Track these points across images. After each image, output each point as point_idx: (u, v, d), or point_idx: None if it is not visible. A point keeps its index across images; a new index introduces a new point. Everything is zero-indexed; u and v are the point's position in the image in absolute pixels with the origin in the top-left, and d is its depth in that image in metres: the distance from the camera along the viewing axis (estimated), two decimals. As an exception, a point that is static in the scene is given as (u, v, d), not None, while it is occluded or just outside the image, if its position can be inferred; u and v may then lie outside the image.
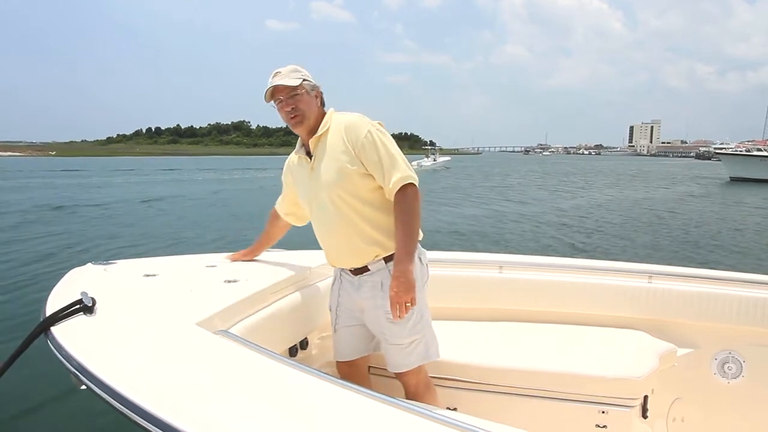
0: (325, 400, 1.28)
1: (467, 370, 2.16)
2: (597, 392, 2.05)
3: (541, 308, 2.65)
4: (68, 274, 2.33)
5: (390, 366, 2.01)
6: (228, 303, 1.86)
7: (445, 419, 1.17)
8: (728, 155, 39.30)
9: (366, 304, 1.99)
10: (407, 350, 1.95)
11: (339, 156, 1.89)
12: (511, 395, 2.13)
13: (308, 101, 1.93)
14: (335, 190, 1.90)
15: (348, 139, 1.89)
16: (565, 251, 9.82)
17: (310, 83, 1.95)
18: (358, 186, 1.89)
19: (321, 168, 1.93)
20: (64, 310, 1.76)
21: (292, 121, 1.94)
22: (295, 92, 1.90)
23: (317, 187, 1.95)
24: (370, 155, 1.87)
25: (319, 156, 1.95)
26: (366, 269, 1.96)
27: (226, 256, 2.53)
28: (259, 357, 1.49)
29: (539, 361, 2.17)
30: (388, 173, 1.87)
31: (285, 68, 1.94)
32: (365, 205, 1.91)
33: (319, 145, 1.95)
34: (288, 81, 1.89)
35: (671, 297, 2.49)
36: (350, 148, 1.88)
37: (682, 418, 2.43)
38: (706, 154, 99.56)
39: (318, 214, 1.99)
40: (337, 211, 1.91)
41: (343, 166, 1.88)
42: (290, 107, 1.91)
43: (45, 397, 3.47)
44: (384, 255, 1.94)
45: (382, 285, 1.94)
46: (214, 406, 1.23)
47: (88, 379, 1.42)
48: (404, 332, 1.93)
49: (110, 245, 10.15)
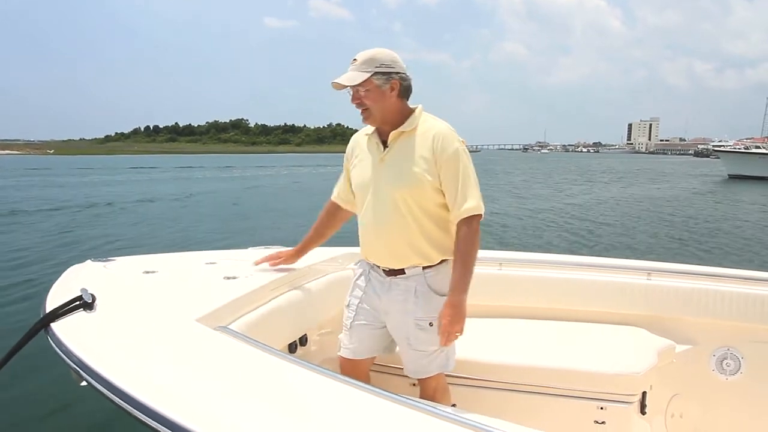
0: (325, 396, 1.28)
1: (466, 366, 2.16)
2: (596, 388, 2.06)
3: (540, 305, 2.66)
4: (68, 271, 2.33)
5: (409, 371, 1.98)
6: (228, 299, 1.87)
7: (445, 415, 1.18)
8: (727, 153, 39.37)
9: (394, 307, 1.94)
10: (430, 358, 1.92)
11: (419, 161, 1.82)
12: (511, 391, 2.14)
13: (377, 96, 1.82)
14: (403, 191, 1.83)
15: (435, 147, 1.82)
16: (576, 247, 9.83)
17: (382, 76, 1.81)
18: (427, 196, 1.84)
19: (395, 164, 1.86)
20: (64, 306, 1.76)
21: (362, 115, 1.87)
22: (360, 87, 1.81)
23: (384, 181, 1.87)
24: (451, 173, 1.82)
25: (396, 151, 1.87)
26: (402, 272, 1.91)
27: (264, 258, 2.32)
28: (258, 353, 1.49)
29: (538, 358, 2.18)
30: (461, 197, 1.82)
31: (360, 55, 1.82)
32: (425, 215, 1.86)
33: (401, 141, 1.87)
34: (345, 80, 1.80)
35: (670, 294, 2.50)
36: (433, 158, 1.82)
37: (681, 414, 2.44)
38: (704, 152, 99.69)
39: (373, 206, 1.90)
40: (396, 211, 1.84)
41: (421, 173, 1.81)
42: (356, 102, 1.84)
43: (45, 393, 3.47)
44: (425, 265, 1.90)
45: (415, 291, 1.90)
46: (214, 402, 1.23)
47: (89, 375, 1.42)
48: (431, 340, 1.90)
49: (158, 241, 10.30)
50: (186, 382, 1.33)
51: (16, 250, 8.83)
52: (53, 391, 3.40)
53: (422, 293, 1.90)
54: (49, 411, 3.34)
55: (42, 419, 3.28)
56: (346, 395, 1.29)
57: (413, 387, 2.21)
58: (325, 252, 2.70)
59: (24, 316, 4.97)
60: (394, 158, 1.87)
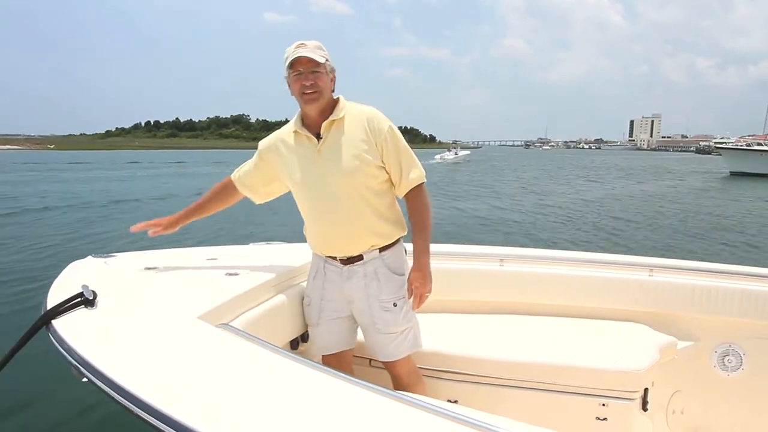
0: (327, 393, 1.28)
1: (468, 362, 2.16)
2: (597, 385, 2.06)
3: (542, 301, 2.65)
4: (69, 267, 2.33)
5: (381, 356, 2.02)
6: (229, 296, 1.86)
7: (447, 412, 1.17)
8: (729, 149, 39.24)
9: (357, 294, 1.98)
10: (399, 339, 1.98)
11: (358, 144, 1.88)
12: (512, 388, 2.14)
13: (327, 81, 1.90)
14: (349, 177, 1.87)
15: (370, 129, 1.89)
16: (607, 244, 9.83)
17: (330, 65, 1.92)
18: (371, 176, 1.90)
19: (335, 154, 1.89)
20: (65, 303, 1.76)
21: (307, 97, 1.87)
22: (318, 69, 1.86)
23: (326, 172, 1.90)
24: (391, 150, 1.90)
25: (332, 141, 1.90)
26: (359, 258, 1.96)
27: (142, 225, 2.25)
28: (260, 350, 1.49)
29: (540, 354, 2.18)
30: (406, 170, 1.92)
31: (310, 42, 1.89)
32: (374, 195, 1.92)
33: (333, 130, 1.91)
34: (314, 55, 1.84)
35: (672, 290, 2.49)
36: (371, 139, 1.88)
37: (682, 411, 2.44)
38: (706, 149, 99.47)
39: (319, 197, 1.93)
40: (347, 197, 1.89)
41: (362, 156, 1.87)
42: (310, 82, 1.85)
43: (46, 389, 3.47)
44: (380, 245, 1.96)
45: (376, 274, 1.96)
46: (216, 399, 1.23)
47: (90, 372, 1.42)
48: (398, 321, 1.97)
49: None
50: (187, 380, 1.33)
51: (45, 247, 8.85)
52: (54, 388, 3.41)
53: (383, 275, 1.96)
54: (49, 408, 3.34)
55: (43, 416, 3.29)
56: (347, 392, 1.28)
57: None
58: None
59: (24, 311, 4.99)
60: (332, 147, 1.90)
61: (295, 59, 1.84)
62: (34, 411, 3.35)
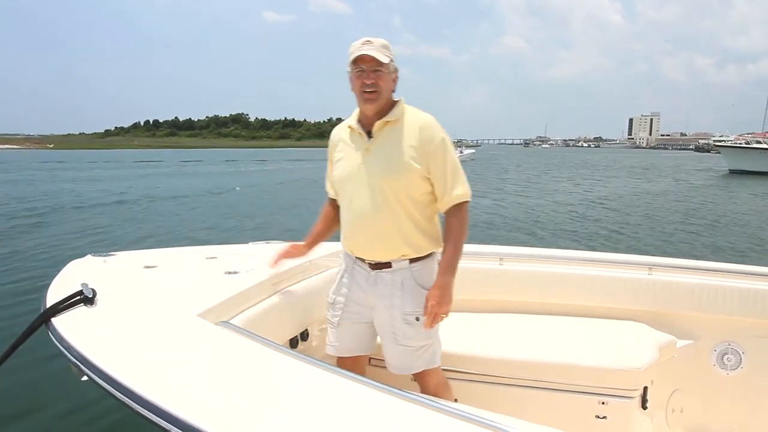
0: (327, 391, 1.28)
1: (468, 361, 2.16)
2: (597, 383, 2.06)
3: (541, 300, 2.65)
4: (68, 266, 2.33)
5: (393, 367, 1.97)
6: (229, 294, 1.87)
7: (447, 409, 1.18)
8: (728, 148, 39.25)
9: (380, 301, 1.92)
10: (416, 354, 1.92)
11: (407, 150, 1.84)
12: (512, 386, 2.14)
13: (388, 82, 1.87)
14: (392, 181, 1.83)
15: (422, 137, 1.84)
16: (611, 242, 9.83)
17: (394, 65, 1.88)
18: (414, 185, 1.85)
19: (383, 154, 1.86)
20: (64, 301, 1.76)
21: (367, 96, 1.84)
22: (380, 68, 1.83)
23: (370, 172, 1.86)
24: (439, 162, 1.85)
25: (382, 141, 1.88)
26: (388, 265, 1.90)
27: (278, 256, 2.21)
28: (260, 348, 1.49)
29: (539, 353, 2.18)
30: (450, 185, 1.86)
31: (376, 40, 1.85)
32: (413, 204, 1.87)
33: (386, 131, 1.88)
34: (379, 54, 1.81)
35: (671, 289, 2.50)
36: (421, 147, 1.84)
37: (682, 409, 2.44)
38: (705, 147, 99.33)
39: (360, 198, 1.88)
40: (386, 201, 1.84)
41: (409, 162, 1.83)
42: (371, 81, 1.83)
43: (46, 388, 3.48)
44: (411, 256, 1.90)
45: (402, 284, 1.89)
46: (216, 397, 1.23)
47: (90, 370, 1.42)
48: (418, 335, 1.90)
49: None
50: (187, 377, 1.33)
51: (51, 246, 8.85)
52: (54, 386, 3.41)
53: (409, 287, 1.90)
54: (49, 406, 3.34)
55: (43, 414, 3.28)
56: (347, 390, 1.28)
57: (414, 382, 2.22)
58: (326, 247, 2.70)
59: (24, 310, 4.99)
60: (381, 148, 1.88)
61: (358, 56, 1.81)
62: (33, 409, 3.34)
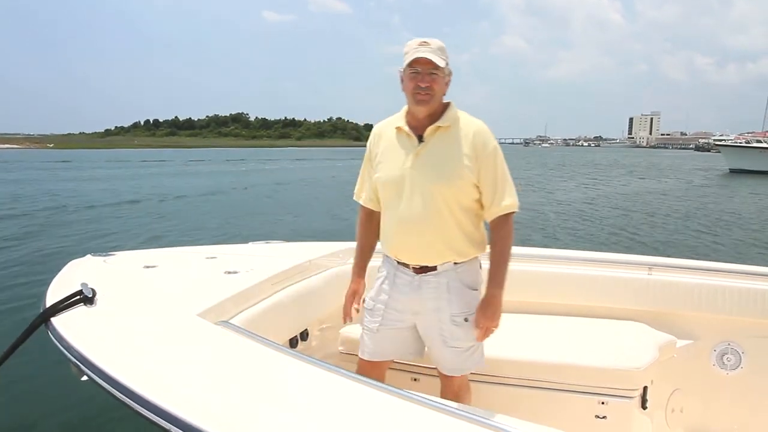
0: (326, 391, 1.28)
1: None
2: (597, 383, 2.06)
3: (541, 300, 2.65)
4: (68, 265, 2.33)
5: (445, 369, 1.94)
6: (229, 294, 1.87)
7: (447, 409, 1.18)
8: (728, 147, 39.26)
9: (426, 306, 1.89)
10: (465, 354, 1.91)
11: (460, 156, 1.81)
12: (511, 386, 2.14)
13: (442, 85, 1.84)
14: (443, 187, 1.81)
15: (476, 144, 1.82)
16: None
17: (449, 68, 1.85)
18: (464, 192, 1.83)
19: (434, 160, 1.83)
20: (64, 301, 1.76)
21: (419, 98, 1.81)
22: (436, 71, 1.80)
23: (421, 176, 1.82)
24: (489, 170, 1.83)
25: (434, 146, 1.84)
26: (433, 269, 1.88)
27: (348, 308, 2.11)
28: (260, 348, 1.49)
29: (539, 353, 2.18)
30: (500, 194, 1.84)
31: (433, 42, 1.82)
32: (461, 211, 1.85)
33: (438, 136, 1.85)
34: (436, 58, 1.78)
35: (671, 289, 2.49)
36: (474, 154, 1.82)
37: (681, 409, 2.44)
38: (705, 146, 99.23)
39: (409, 202, 1.84)
40: (435, 206, 1.81)
41: (461, 169, 1.81)
42: (426, 84, 1.79)
43: (45, 387, 3.48)
44: (456, 260, 1.88)
45: (449, 286, 1.88)
46: (216, 396, 1.23)
47: (89, 370, 1.42)
48: (468, 336, 1.89)
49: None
50: (187, 377, 1.33)
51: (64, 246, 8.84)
52: (54, 385, 3.41)
53: (455, 289, 1.88)
54: (49, 405, 3.34)
55: (42, 414, 3.29)
56: (346, 390, 1.28)
57: (414, 382, 2.22)
58: (325, 247, 2.70)
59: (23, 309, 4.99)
60: (433, 153, 1.84)
61: (414, 59, 1.79)
62: (33, 409, 3.35)
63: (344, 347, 2.36)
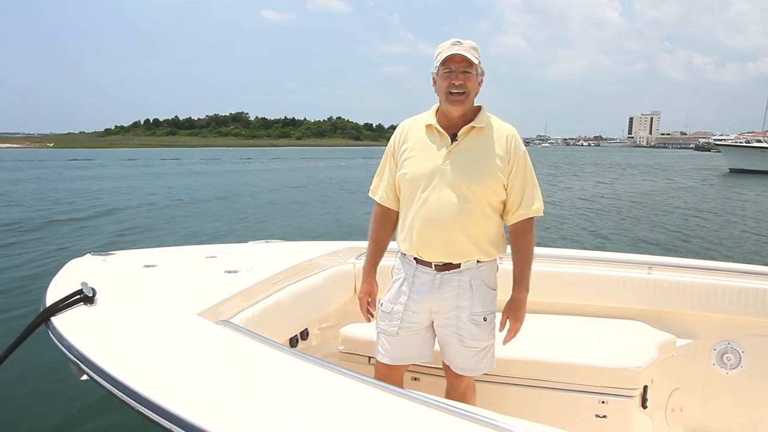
0: (327, 390, 1.28)
1: None
2: (597, 382, 2.06)
3: (541, 299, 2.64)
4: (67, 265, 2.33)
5: (458, 369, 1.94)
6: (229, 293, 1.87)
7: (447, 408, 1.18)
8: (728, 146, 39.26)
9: (445, 304, 1.89)
10: (480, 355, 1.92)
11: (494, 157, 1.84)
12: (512, 385, 2.14)
13: (475, 84, 1.85)
14: (476, 187, 1.82)
15: (509, 147, 1.86)
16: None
17: (482, 68, 1.87)
18: (494, 191, 1.85)
19: (467, 159, 1.84)
20: (64, 300, 1.76)
21: (453, 97, 1.82)
22: (470, 69, 1.81)
23: (453, 175, 1.82)
24: (520, 173, 1.87)
25: (467, 146, 1.85)
26: (456, 266, 1.88)
27: (365, 310, 2.10)
28: (260, 347, 1.49)
29: (539, 352, 2.18)
30: (528, 197, 1.87)
31: (466, 41, 1.84)
32: (491, 210, 1.87)
33: (471, 136, 1.86)
34: (468, 55, 1.79)
35: (671, 288, 2.49)
36: (507, 157, 1.85)
37: (681, 408, 2.44)
38: (705, 146, 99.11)
39: (438, 200, 1.83)
40: (464, 205, 1.82)
41: (494, 170, 1.83)
42: (459, 82, 1.81)
43: (45, 387, 3.48)
44: (480, 259, 1.89)
45: (471, 285, 1.88)
46: (216, 395, 1.23)
47: (90, 369, 1.42)
48: (484, 336, 1.90)
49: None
50: (187, 376, 1.33)
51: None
52: (54, 385, 3.41)
53: (477, 287, 1.89)
54: (49, 405, 3.34)
55: (43, 413, 3.29)
56: (347, 389, 1.28)
57: (415, 381, 2.22)
58: (325, 246, 2.70)
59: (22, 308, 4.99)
60: (466, 152, 1.85)
61: (448, 56, 1.80)
62: (33, 408, 3.35)
63: (344, 346, 2.36)
